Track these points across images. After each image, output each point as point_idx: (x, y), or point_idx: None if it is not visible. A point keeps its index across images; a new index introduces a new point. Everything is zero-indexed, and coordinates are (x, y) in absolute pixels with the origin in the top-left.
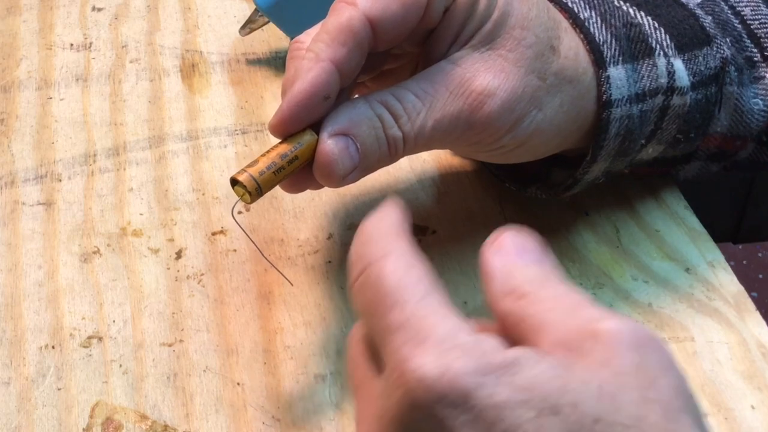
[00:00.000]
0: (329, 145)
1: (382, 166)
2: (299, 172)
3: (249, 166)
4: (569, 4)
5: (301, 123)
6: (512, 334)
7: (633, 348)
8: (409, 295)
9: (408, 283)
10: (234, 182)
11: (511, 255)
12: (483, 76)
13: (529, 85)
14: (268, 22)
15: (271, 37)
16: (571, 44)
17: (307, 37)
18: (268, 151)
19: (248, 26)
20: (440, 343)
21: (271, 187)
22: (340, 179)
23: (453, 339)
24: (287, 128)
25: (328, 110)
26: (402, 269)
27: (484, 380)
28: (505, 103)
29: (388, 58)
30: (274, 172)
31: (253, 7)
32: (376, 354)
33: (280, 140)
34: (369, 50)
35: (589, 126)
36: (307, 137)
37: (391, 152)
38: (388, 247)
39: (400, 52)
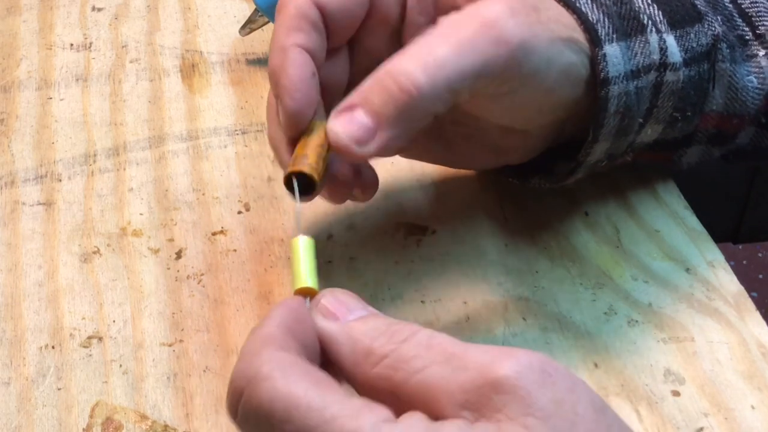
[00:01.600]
0: (329, 125)
1: (420, 115)
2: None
3: (298, 159)
4: None
5: (308, 106)
6: (388, 402)
7: (541, 384)
8: (305, 410)
9: (295, 396)
10: (289, 179)
11: (341, 316)
12: (484, 5)
13: (529, 11)
14: (268, 22)
15: (271, 37)
16: (550, 4)
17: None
18: (302, 146)
19: (248, 26)
20: None
21: (324, 175)
22: (352, 150)
23: None
24: (300, 118)
25: (318, 90)
26: (279, 383)
27: None
28: (516, 16)
29: (354, 65)
30: (324, 160)
31: (253, 7)
32: None
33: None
34: (326, 34)
35: (588, 106)
36: (323, 126)
37: (412, 93)
38: (252, 363)
39: (363, 58)
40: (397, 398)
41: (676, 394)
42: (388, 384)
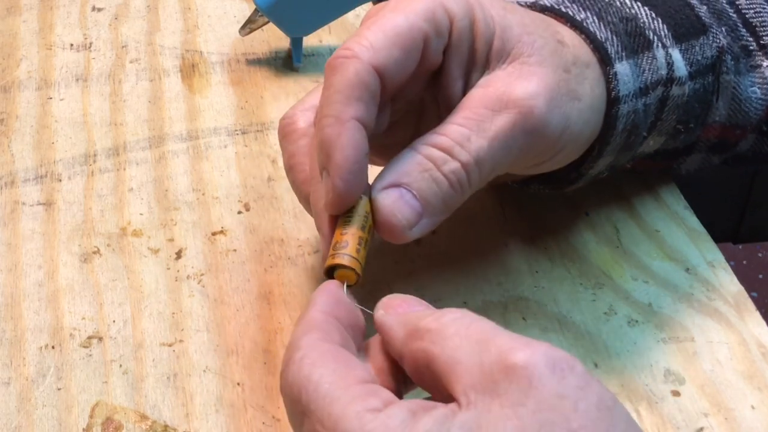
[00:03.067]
0: (380, 199)
1: (455, 206)
2: None
3: (338, 249)
4: (563, 9)
5: (358, 188)
6: (425, 378)
7: (549, 376)
8: (312, 394)
9: (309, 381)
10: (332, 269)
11: (401, 309)
12: (518, 85)
13: (561, 79)
14: (268, 22)
15: (271, 37)
16: (571, 35)
17: (296, 111)
18: (342, 230)
19: (248, 26)
20: None
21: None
22: (402, 231)
23: (359, 429)
24: (348, 200)
25: (367, 170)
26: (304, 369)
27: None
28: (551, 101)
29: (392, 114)
30: (364, 246)
31: (253, 7)
32: None
33: (339, 215)
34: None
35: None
36: (364, 201)
37: (456, 187)
38: (291, 349)
39: (401, 105)
40: (432, 372)
41: (676, 394)
42: (425, 357)
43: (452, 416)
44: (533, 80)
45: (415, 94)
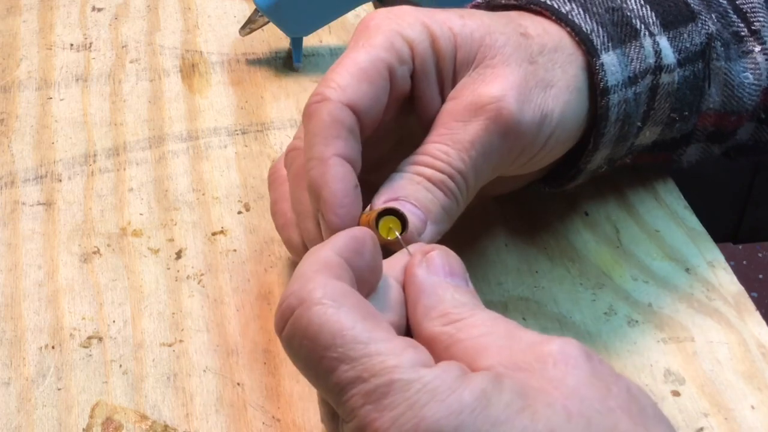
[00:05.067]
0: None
1: (455, 214)
2: None
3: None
4: (547, 2)
5: (351, 221)
6: (440, 356)
7: (582, 361)
8: (350, 342)
9: (343, 326)
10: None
11: (441, 274)
12: (483, 89)
13: (528, 72)
14: (268, 22)
15: (271, 37)
16: (535, 24)
17: (280, 160)
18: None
19: (248, 26)
20: (403, 390)
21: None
22: (411, 237)
23: (416, 381)
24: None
25: (360, 202)
26: (330, 311)
27: (460, 421)
28: (520, 97)
29: (385, 147)
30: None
31: (253, 7)
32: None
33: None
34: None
35: (587, 115)
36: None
37: (449, 196)
38: (306, 286)
39: (387, 135)
40: (449, 353)
41: (676, 394)
42: (449, 340)
43: (501, 378)
44: (497, 81)
45: (389, 117)
